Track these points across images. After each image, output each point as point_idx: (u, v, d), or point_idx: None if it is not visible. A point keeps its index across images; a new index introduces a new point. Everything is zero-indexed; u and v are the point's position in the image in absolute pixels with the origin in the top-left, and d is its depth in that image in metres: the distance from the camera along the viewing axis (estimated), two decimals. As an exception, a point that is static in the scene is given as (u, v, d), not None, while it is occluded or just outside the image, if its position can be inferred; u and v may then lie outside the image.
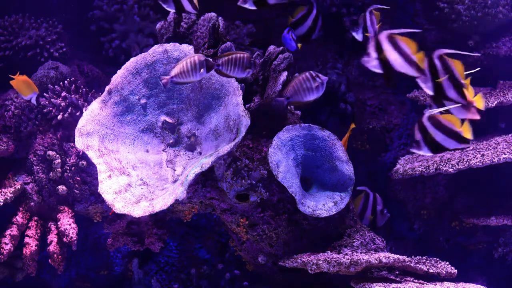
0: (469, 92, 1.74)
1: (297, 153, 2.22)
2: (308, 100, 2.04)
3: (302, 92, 2.02)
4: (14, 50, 2.67)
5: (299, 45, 2.22)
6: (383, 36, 1.68)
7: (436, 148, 1.79)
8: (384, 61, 1.68)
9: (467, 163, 2.29)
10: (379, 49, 1.68)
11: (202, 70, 1.90)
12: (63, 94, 2.47)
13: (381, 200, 2.30)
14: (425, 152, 1.80)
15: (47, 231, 2.46)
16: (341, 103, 2.77)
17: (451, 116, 1.77)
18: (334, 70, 2.80)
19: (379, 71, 1.70)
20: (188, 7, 2.02)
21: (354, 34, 2.10)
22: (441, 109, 1.77)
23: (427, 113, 1.75)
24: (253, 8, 1.99)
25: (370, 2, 2.80)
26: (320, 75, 2.02)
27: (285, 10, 2.86)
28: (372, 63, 1.69)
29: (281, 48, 2.25)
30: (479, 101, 1.74)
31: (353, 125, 2.42)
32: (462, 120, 1.77)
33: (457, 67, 1.73)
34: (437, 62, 1.72)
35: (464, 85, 1.72)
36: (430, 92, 1.75)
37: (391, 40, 1.67)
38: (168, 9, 2.05)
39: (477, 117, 1.76)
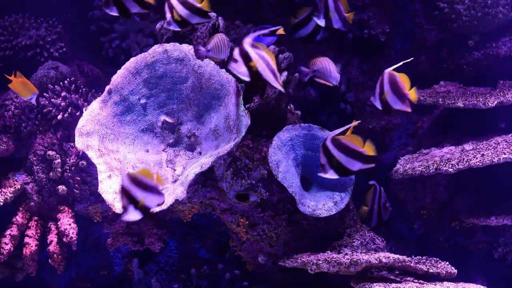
0: (405, 84, 1.75)
1: (297, 153, 2.22)
2: (331, 79, 2.02)
3: (329, 70, 2.01)
4: (14, 50, 2.67)
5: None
6: (247, 44, 1.67)
7: (342, 170, 1.79)
8: (251, 69, 1.68)
9: (467, 163, 2.29)
10: (245, 56, 1.67)
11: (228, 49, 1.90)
12: (63, 94, 2.47)
13: (384, 194, 2.30)
14: (331, 175, 1.80)
15: (47, 231, 2.46)
16: (341, 103, 2.77)
17: (353, 137, 1.77)
18: (334, 70, 2.79)
19: (246, 78, 1.69)
20: (135, 8, 1.82)
21: (315, 19, 2.07)
22: (342, 129, 1.78)
23: (331, 135, 1.74)
24: (178, 29, 1.93)
25: (371, 2, 2.80)
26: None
27: (285, 10, 2.86)
28: (241, 69, 1.68)
29: (281, 47, 2.25)
30: (413, 94, 1.75)
31: (356, 122, 2.42)
32: (365, 139, 1.78)
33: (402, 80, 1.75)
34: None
35: (407, 96, 1.75)
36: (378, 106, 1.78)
37: (256, 48, 1.67)
38: (112, 13, 1.84)
39: (409, 109, 1.77)
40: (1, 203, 2.35)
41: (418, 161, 2.49)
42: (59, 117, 2.45)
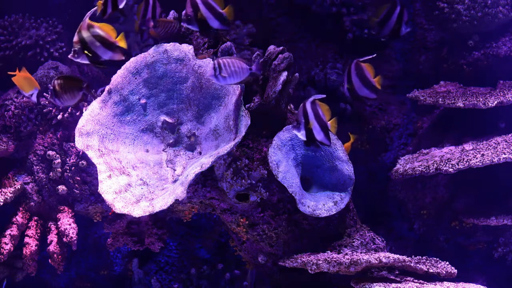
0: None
1: (297, 153, 2.22)
2: None
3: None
4: (14, 50, 2.67)
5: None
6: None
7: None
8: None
9: (467, 163, 2.29)
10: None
11: None
12: (63, 94, 2.47)
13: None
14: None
15: (47, 231, 2.46)
16: (341, 103, 2.77)
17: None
18: (334, 70, 2.80)
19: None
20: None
21: None
22: None
23: None
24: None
25: (371, 2, 2.80)
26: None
27: (285, 10, 2.86)
28: None
29: (281, 48, 2.25)
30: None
31: (352, 139, 2.44)
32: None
33: None
34: None
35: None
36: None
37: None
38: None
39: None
40: (1, 203, 2.35)
41: (418, 161, 2.49)
42: (59, 117, 2.45)
